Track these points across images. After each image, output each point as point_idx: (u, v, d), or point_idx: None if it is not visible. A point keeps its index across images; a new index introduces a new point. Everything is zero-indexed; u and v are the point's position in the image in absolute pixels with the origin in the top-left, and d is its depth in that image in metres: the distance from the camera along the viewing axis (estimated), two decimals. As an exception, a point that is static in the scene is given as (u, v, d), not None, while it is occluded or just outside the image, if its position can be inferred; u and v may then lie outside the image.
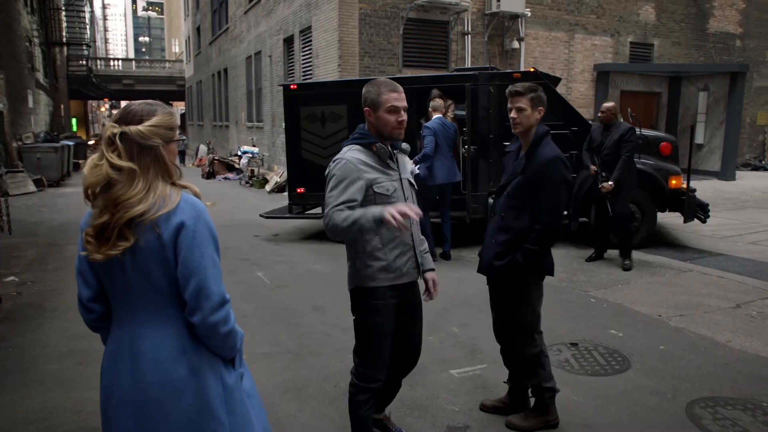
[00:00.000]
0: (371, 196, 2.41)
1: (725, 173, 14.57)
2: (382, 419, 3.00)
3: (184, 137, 30.21)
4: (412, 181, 2.64)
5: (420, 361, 3.89)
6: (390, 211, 2.17)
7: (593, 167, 6.31)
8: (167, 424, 1.64)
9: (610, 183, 6.04)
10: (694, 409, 3.24)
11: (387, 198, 2.42)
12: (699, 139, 14.88)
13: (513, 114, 2.89)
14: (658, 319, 4.71)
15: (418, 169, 6.52)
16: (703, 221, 7.07)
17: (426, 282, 2.71)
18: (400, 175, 2.55)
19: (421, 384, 3.58)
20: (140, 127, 1.60)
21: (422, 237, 2.70)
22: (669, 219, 7.97)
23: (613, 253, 6.63)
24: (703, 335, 4.34)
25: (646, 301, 5.16)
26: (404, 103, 2.48)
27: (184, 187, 1.69)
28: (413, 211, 2.24)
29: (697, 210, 6.94)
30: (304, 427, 3.09)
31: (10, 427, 3.10)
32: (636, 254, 6.73)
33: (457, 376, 3.70)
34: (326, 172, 2.46)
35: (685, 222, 6.99)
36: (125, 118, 1.63)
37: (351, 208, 2.32)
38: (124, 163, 1.57)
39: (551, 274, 3.03)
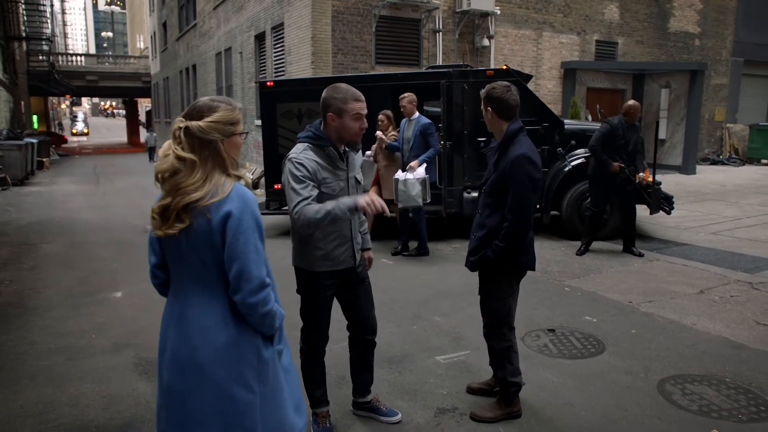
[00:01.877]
0: (318, 194, 2.58)
1: (686, 167, 15.16)
2: (371, 401, 3.14)
3: (248, 131, 29.34)
4: (359, 178, 2.83)
5: (406, 348, 4.06)
6: (366, 199, 2.38)
7: (617, 164, 6.28)
8: (207, 385, 1.81)
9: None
10: (664, 386, 3.47)
11: (332, 197, 2.59)
12: (661, 134, 15.41)
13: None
14: (629, 305, 4.96)
15: (423, 171, 6.43)
16: (668, 213, 7.39)
17: (363, 259, 2.96)
18: (347, 173, 2.74)
19: (409, 370, 3.73)
20: (200, 123, 1.79)
21: (363, 218, 2.90)
22: (636, 212, 8.28)
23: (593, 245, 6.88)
24: (670, 319, 4.61)
25: (617, 289, 5.42)
26: (366, 111, 2.67)
27: (239, 177, 1.87)
28: (379, 205, 2.39)
29: (662, 202, 7.25)
30: (300, 413, 3.20)
31: (8, 422, 3.12)
32: (606, 245, 7.04)
33: (443, 362, 3.86)
34: (283, 171, 2.61)
35: (651, 214, 7.29)
36: (190, 114, 1.83)
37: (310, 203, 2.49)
38: (186, 155, 1.78)
39: (531, 269, 3.09)
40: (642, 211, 7.85)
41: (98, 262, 6.76)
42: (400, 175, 6.53)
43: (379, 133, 6.79)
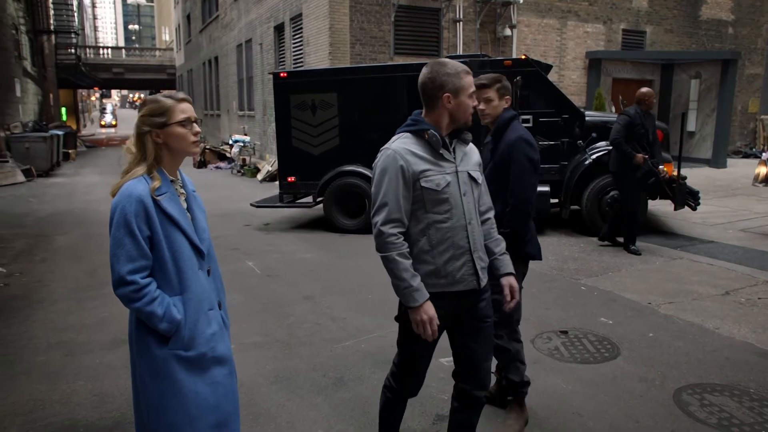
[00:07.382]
0: (418, 191, 2.13)
1: (716, 161, 14.60)
2: None
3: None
4: (475, 175, 2.30)
5: (410, 350, 3.89)
6: (421, 317, 2.07)
7: (641, 155, 6.06)
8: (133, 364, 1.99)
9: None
10: (681, 395, 3.25)
11: (436, 194, 2.14)
12: (691, 126, 14.88)
13: (481, 105, 2.92)
14: (648, 307, 4.72)
15: None
16: (694, 209, 7.07)
17: (503, 288, 2.37)
18: (456, 167, 2.22)
19: (411, 373, 3.57)
20: (136, 120, 1.89)
21: (498, 237, 2.43)
22: (660, 206, 7.98)
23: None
24: (691, 322, 4.36)
25: (636, 289, 5.17)
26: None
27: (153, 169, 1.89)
28: (432, 333, 2.09)
29: (687, 197, 6.93)
30: (292, 417, 3.08)
31: (-5, 420, 3.07)
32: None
33: (446, 365, 3.68)
34: (373, 164, 2.23)
35: (675, 209, 6.98)
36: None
37: (400, 224, 2.13)
38: (132, 149, 1.90)
39: (537, 258, 3.01)
40: (667, 206, 7.55)
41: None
42: None
43: None
